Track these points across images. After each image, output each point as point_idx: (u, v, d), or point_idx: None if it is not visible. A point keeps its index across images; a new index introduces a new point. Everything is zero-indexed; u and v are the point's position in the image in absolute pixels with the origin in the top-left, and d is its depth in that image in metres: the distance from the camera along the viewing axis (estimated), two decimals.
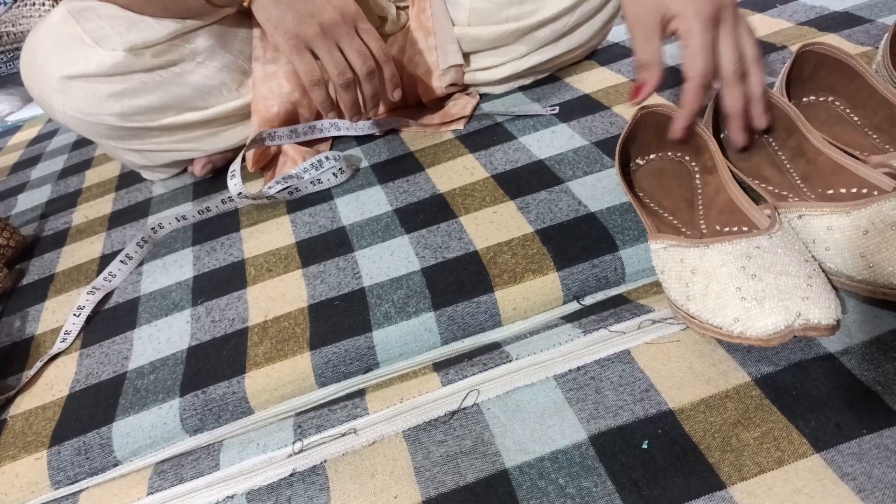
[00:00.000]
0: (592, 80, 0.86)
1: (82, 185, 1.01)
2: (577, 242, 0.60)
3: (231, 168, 0.78)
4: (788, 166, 0.59)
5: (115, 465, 0.55)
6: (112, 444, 0.55)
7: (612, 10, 0.85)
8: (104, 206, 0.92)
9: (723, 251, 0.45)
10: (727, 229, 0.54)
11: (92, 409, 0.58)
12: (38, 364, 0.64)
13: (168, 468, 0.51)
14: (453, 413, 0.48)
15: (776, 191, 0.57)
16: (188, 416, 0.55)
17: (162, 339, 0.63)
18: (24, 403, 0.61)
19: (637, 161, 0.66)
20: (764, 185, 0.57)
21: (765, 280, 0.42)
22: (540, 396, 0.47)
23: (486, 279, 0.58)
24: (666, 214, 0.59)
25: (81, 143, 1.20)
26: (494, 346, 0.54)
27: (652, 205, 0.60)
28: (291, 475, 0.47)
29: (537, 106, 0.83)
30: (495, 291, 0.57)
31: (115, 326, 0.67)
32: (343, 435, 0.49)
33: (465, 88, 0.90)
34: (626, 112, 0.77)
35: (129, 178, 0.98)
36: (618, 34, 0.97)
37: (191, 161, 0.90)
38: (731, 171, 0.56)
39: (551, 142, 0.75)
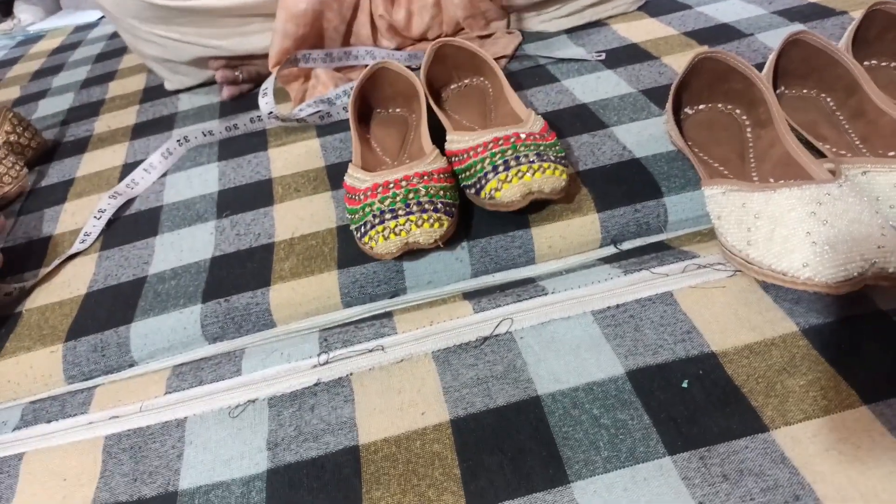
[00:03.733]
0: (641, 31, 0.83)
1: (105, 96, 0.99)
2: (621, 186, 0.58)
3: (263, 86, 0.76)
4: (847, 126, 0.57)
5: (132, 365, 0.54)
6: (129, 343, 0.54)
7: None
8: (127, 117, 0.90)
9: (791, 196, 0.43)
10: (782, 182, 0.52)
11: (110, 308, 0.57)
12: (57, 261, 0.63)
13: (187, 370, 0.50)
14: (485, 339, 0.46)
15: (833, 149, 0.55)
16: (209, 322, 0.54)
17: (184, 248, 0.62)
18: (40, 298, 0.60)
19: (686, 110, 0.63)
20: (821, 143, 0.55)
21: (837, 226, 0.40)
22: (576, 330, 0.46)
23: (524, 215, 0.57)
24: (716, 165, 0.57)
25: (105, 55, 1.17)
26: (528, 281, 0.53)
27: (702, 154, 0.58)
28: (316, 384, 0.46)
29: (582, 51, 0.80)
30: (531, 227, 0.56)
31: (137, 232, 0.66)
32: (370, 351, 0.47)
33: (507, 26, 0.87)
34: (675, 63, 0.74)
35: (153, 92, 0.95)
36: None
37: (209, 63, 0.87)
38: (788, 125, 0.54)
39: (596, 87, 0.73)
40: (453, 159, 0.59)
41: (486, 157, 0.55)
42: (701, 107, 0.63)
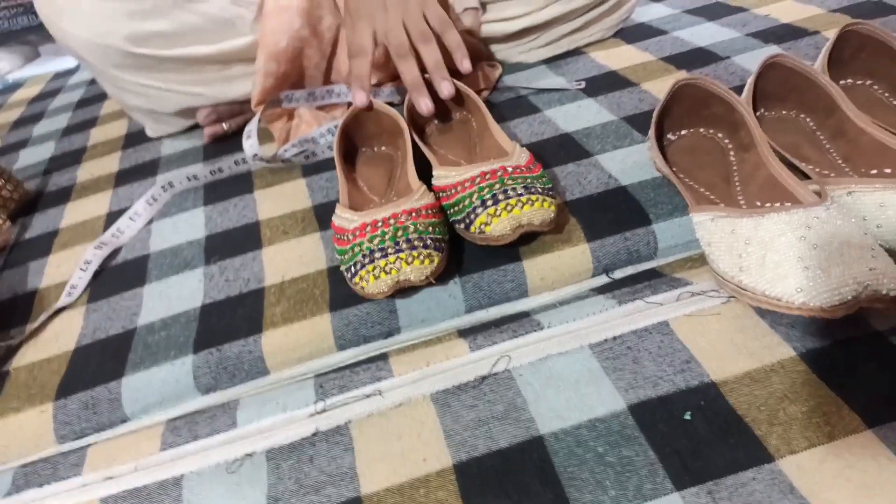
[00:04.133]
0: (619, 58, 0.84)
1: (87, 143, 0.99)
2: (608, 215, 0.58)
3: (247, 128, 0.75)
4: (828, 146, 0.58)
5: (124, 420, 0.53)
6: (121, 399, 0.53)
7: None
8: (110, 164, 0.90)
9: (780, 221, 0.43)
10: (769, 205, 0.52)
11: (100, 363, 0.56)
12: (43, 316, 0.62)
13: (182, 424, 0.49)
14: (483, 378, 0.46)
15: (816, 170, 0.56)
16: (202, 373, 0.53)
17: (173, 297, 0.61)
18: (28, 355, 0.59)
19: (669, 136, 0.64)
20: (804, 164, 0.56)
21: (827, 250, 0.40)
22: (575, 365, 0.45)
23: (514, 248, 0.56)
24: (702, 189, 0.57)
25: (85, 101, 1.17)
26: (523, 315, 0.52)
27: (687, 180, 0.58)
28: (314, 435, 0.45)
29: (562, 80, 0.81)
30: (523, 260, 0.56)
31: (124, 282, 0.65)
32: (368, 396, 0.47)
33: (488, 58, 0.88)
34: (654, 89, 0.75)
35: (136, 138, 0.95)
36: (643, 13, 0.95)
37: (197, 115, 0.87)
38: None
39: (578, 115, 0.74)
40: (441, 195, 0.59)
41: (475, 192, 0.55)
42: (683, 132, 0.64)
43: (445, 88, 0.67)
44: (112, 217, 0.77)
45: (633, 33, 0.91)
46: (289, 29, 0.79)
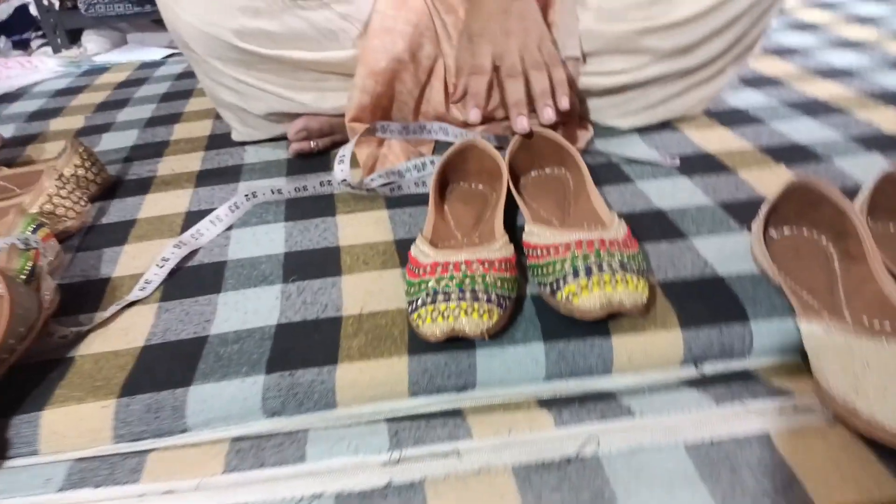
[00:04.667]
0: (714, 139, 0.83)
1: (170, 138, 1.00)
2: (703, 303, 0.56)
3: (341, 152, 0.75)
4: None
5: (184, 430, 0.52)
6: (185, 408, 0.52)
7: (744, 30, 0.80)
8: (192, 162, 0.90)
9: None
10: (877, 323, 0.50)
11: (169, 366, 0.55)
12: (115, 307, 0.61)
13: (247, 448, 0.48)
14: (570, 459, 0.44)
15: None
16: (271, 395, 0.52)
17: (249, 310, 0.61)
18: (95, 344, 0.58)
19: (771, 233, 0.62)
20: None
21: None
22: (668, 462, 0.43)
23: (604, 322, 0.55)
24: (805, 294, 0.56)
25: (171, 96, 1.19)
26: (608, 396, 0.51)
27: (789, 280, 0.57)
28: (387, 486, 0.43)
29: (655, 154, 0.80)
30: (612, 336, 0.54)
31: (200, 286, 0.64)
32: (445, 455, 0.45)
33: (582, 116, 0.87)
34: (751, 178, 0.74)
35: (220, 140, 0.96)
36: (738, 98, 0.95)
37: (288, 131, 0.87)
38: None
39: (672, 193, 0.72)
40: (529, 252, 0.58)
41: (567, 259, 0.54)
42: (787, 231, 0.62)
43: (548, 114, 0.69)
44: (191, 216, 0.77)
45: (727, 117, 0.90)
46: (391, 50, 0.80)
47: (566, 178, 0.71)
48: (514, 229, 0.68)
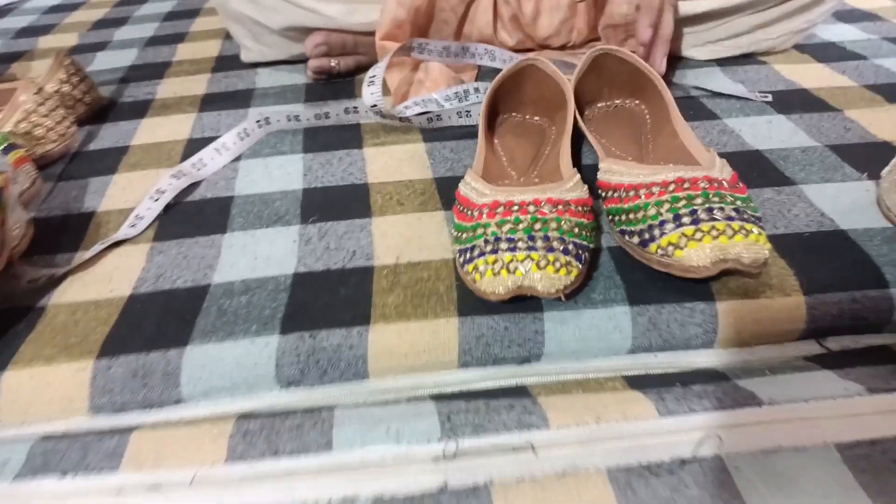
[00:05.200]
0: (810, 75, 0.70)
1: (173, 58, 0.87)
2: (828, 265, 0.45)
3: (371, 72, 0.63)
4: None
5: (178, 401, 0.42)
6: (180, 374, 0.41)
7: None
8: (196, 85, 0.78)
9: None
10: None
11: (161, 321, 0.44)
12: (98, 247, 0.50)
13: (257, 429, 0.37)
14: (684, 461, 0.33)
15: None
16: (287, 362, 0.41)
17: (260, 255, 0.49)
18: (71, 291, 0.48)
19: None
20: None
21: None
22: (817, 469, 0.32)
23: (706, 283, 0.44)
24: None
25: (176, 14, 1.06)
26: (718, 377, 0.39)
27: None
28: (441, 490, 0.33)
29: (742, 87, 0.67)
30: (717, 301, 0.43)
31: (201, 224, 0.53)
32: (515, 450, 0.34)
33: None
34: (863, 119, 0.62)
35: (228, 62, 0.84)
36: (830, 32, 0.81)
37: (305, 43, 0.75)
38: None
39: (769, 132, 0.60)
40: (608, 194, 0.47)
41: (665, 201, 0.42)
42: None
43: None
44: (193, 144, 0.65)
45: (821, 51, 0.77)
46: None
47: (642, 112, 0.59)
48: (580, 168, 0.56)
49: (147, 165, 0.62)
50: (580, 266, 0.42)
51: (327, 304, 0.44)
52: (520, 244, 0.41)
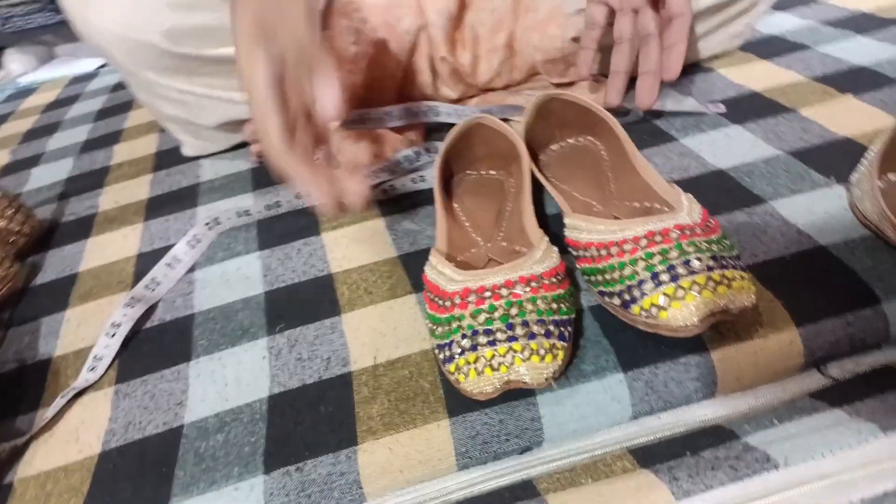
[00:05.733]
0: (759, 76, 0.70)
1: (111, 162, 0.84)
2: (816, 288, 0.43)
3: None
4: None
5: None
6: None
7: None
8: (139, 189, 0.75)
9: None
10: None
11: (136, 480, 0.42)
12: (59, 401, 0.47)
13: None
14: None
15: None
16: (277, 502, 0.38)
17: (230, 379, 0.47)
18: (38, 460, 0.45)
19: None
20: None
21: None
22: None
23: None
24: None
25: (108, 111, 1.03)
26: (727, 436, 0.38)
27: None
28: None
29: (693, 101, 0.66)
30: (711, 352, 0.41)
31: (163, 355, 0.50)
32: None
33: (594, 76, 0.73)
34: (820, 116, 0.60)
35: (169, 157, 0.81)
36: (769, 25, 0.81)
37: (244, 130, 0.72)
38: None
39: (728, 148, 0.59)
40: (578, 253, 0.45)
41: (639, 259, 0.40)
42: (892, 177, 0.49)
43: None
44: (144, 259, 0.62)
45: (764, 47, 0.76)
46: (361, 30, 0.65)
47: (597, 149, 0.57)
48: (544, 221, 0.55)
49: (99, 293, 0.59)
50: (565, 344, 0.40)
51: (309, 427, 0.42)
52: (499, 335, 0.39)
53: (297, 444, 0.41)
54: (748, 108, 0.64)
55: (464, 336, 0.40)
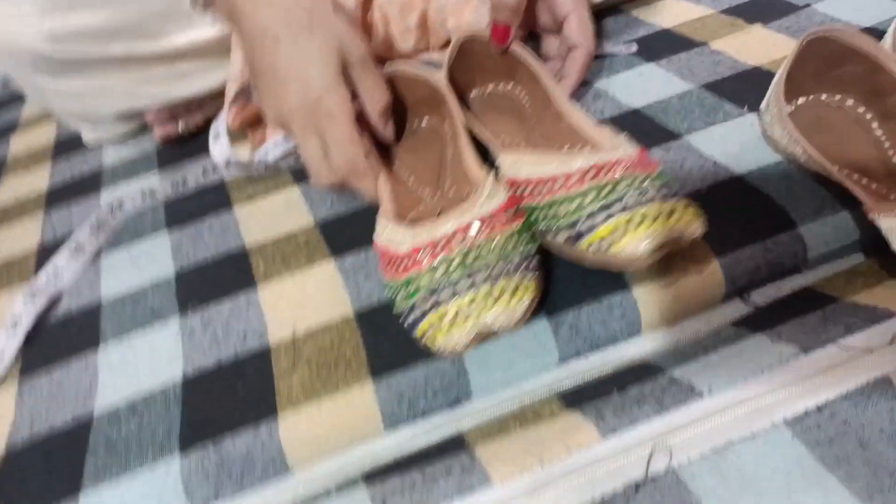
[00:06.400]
0: (668, 14, 0.69)
1: (6, 155, 0.79)
2: (732, 216, 0.43)
3: (213, 127, 0.58)
4: None
5: None
6: None
7: None
8: (38, 180, 0.71)
9: None
10: None
11: (45, 474, 0.39)
12: None
13: None
14: (637, 486, 0.31)
15: None
16: (196, 482, 0.37)
17: (141, 365, 0.44)
18: None
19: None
20: None
21: None
22: (773, 455, 0.30)
23: (617, 273, 0.41)
24: (855, 176, 0.43)
25: (0, 103, 0.96)
26: (654, 371, 0.37)
27: (831, 161, 0.44)
28: None
29: (605, 43, 0.65)
30: (632, 288, 0.40)
31: (70, 346, 0.47)
32: None
33: None
34: (729, 48, 0.60)
35: (69, 145, 0.76)
36: None
37: (146, 114, 0.68)
38: None
39: (642, 86, 0.58)
40: (520, 190, 0.43)
41: (589, 192, 0.38)
42: (800, 101, 0.49)
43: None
44: (45, 251, 0.58)
45: None
46: None
47: (517, 94, 0.55)
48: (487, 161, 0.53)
49: (0, 289, 0.55)
50: (534, 276, 0.38)
51: (227, 405, 0.40)
52: (459, 286, 0.37)
53: (215, 422, 0.39)
54: (661, 46, 0.63)
55: (424, 298, 0.37)
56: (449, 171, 0.50)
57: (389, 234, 0.41)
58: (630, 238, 0.35)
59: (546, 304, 0.41)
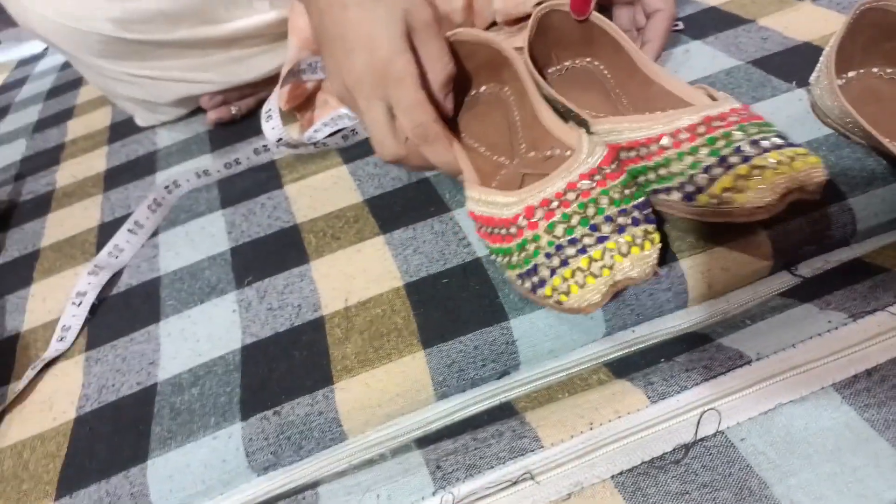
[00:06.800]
0: None
1: (65, 139, 0.82)
2: None
3: (266, 107, 0.59)
4: None
5: None
6: (148, 492, 0.38)
7: None
8: (96, 162, 0.73)
9: None
10: None
11: (113, 439, 0.41)
12: (30, 372, 0.47)
13: None
14: (687, 447, 0.31)
15: None
16: (256, 448, 0.38)
17: (201, 336, 0.46)
18: (13, 431, 0.44)
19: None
20: None
21: None
22: (822, 419, 0.31)
23: (665, 243, 0.42)
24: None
25: (58, 90, 1.00)
26: (701, 339, 0.38)
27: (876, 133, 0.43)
28: None
29: None
30: (680, 260, 0.41)
31: (132, 318, 0.50)
32: (513, 483, 0.32)
33: None
34: (778, 24, 0.60)
35: (124, 128, 0.78)
36: None
37: (200, 99, 0.71)
38: None
39: (689, 62, 0.58)
40: (623, 156, 0.42)
41: (700, 147, 0.38)
42: (851, 74, 0.49)
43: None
44: (105, 230, 0.61)
45: None
46: None
47: (597, 69, 0.54)
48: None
49: (62, 267, 0.58)
50: (654, 226, 0.38)
51: (284, 372, 0.42)
52: (586, 240, 0.37)
53: (273, 389, 0.41)
54: (707, 23, 0.63)
55: (548, 255, 0.37)
56: (522, 135, 0.49)
57: (492, 199, 0.41)
58: (753, 186, 0.35)
59: None
